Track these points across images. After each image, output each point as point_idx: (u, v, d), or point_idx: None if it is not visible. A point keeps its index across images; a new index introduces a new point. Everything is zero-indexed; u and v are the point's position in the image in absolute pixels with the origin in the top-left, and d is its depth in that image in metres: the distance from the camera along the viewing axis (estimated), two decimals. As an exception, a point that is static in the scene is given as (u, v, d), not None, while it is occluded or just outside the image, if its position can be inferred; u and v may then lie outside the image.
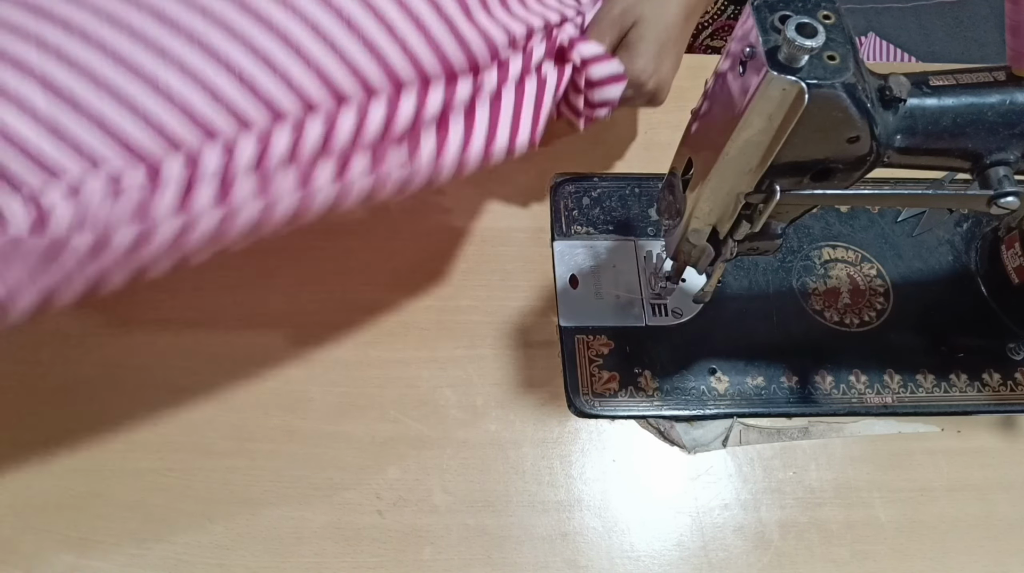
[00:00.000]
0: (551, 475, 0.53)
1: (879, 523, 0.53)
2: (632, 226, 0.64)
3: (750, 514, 0.53)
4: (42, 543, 0.49)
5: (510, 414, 0.55)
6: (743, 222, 0.47)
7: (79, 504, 0.50)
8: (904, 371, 0.59)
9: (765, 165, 0.42)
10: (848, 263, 0.64)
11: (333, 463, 0.53)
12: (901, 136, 0.43)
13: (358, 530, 0.50)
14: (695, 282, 0.60)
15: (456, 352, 0.58)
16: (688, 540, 0.52)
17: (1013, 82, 0.43)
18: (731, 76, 0.42)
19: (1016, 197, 0.43)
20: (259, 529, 0.50)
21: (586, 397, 0.56)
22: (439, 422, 0.55)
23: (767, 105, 0.39)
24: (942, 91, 0.43)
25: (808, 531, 0.52)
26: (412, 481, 0.52)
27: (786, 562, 0.51)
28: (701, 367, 0.58)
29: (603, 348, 0.58)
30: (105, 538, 0.49)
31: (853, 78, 0.38)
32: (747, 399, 0.57)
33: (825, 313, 0.61)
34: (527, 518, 0.52)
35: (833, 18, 0.39)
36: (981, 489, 0.55)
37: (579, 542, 0.51)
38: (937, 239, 0.66)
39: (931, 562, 0.52)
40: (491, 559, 0.50)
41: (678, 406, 0.56)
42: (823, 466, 0.55)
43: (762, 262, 0.63)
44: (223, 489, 0.51)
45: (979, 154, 0.44)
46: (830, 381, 0.58)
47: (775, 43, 0.38)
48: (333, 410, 0.55)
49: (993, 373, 0.59)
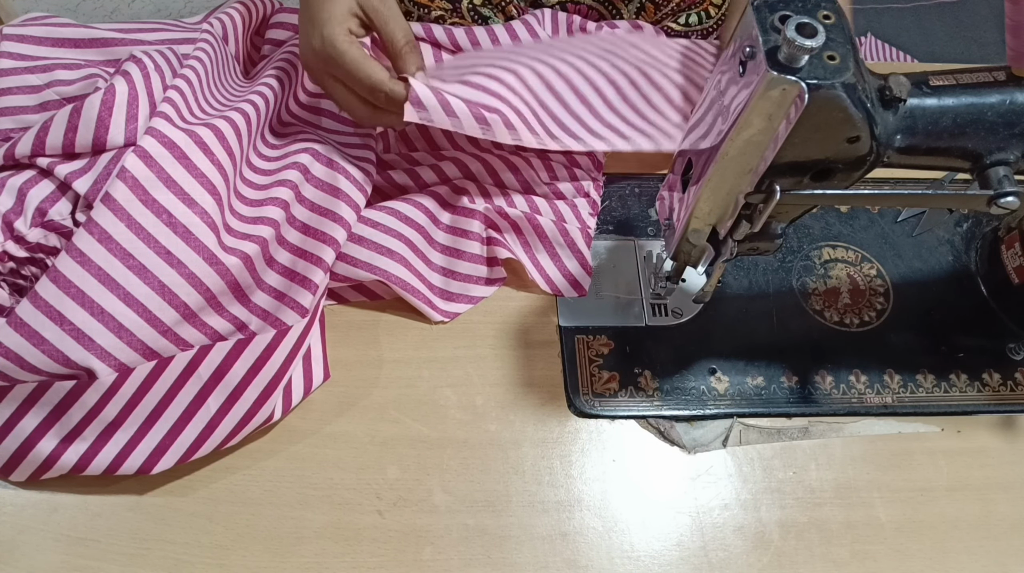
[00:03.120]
0: (551, 475, 0.53)
1: (879, 523, 0.53)
2: (632, 226, 0.64)
3: (750, 514, 0.53)
4: (42, 543, 0.49)
5: (510, 414, 0.55)
6: (743, 222, 0.46)
7: (79, 504, 0.50)
8: (904, 371, 0.59)
9: (765, 165, 0.42)
10: (848, 263, 0.64)
11: (333, 463, 0.53)
12: (901, 136, 0.43)
13: (358, 530, 0.50)
14: (695, 282, 0.60)
15: (456, 352, 0.58)
16: (688, 540, 0.52)
17: (1013, 82, 0.43)
18: (731, 76, 0.42)
19: (1016, 197, 0.43)
20: (259, 529, 0.50)
21: (586, 397, 0.56)
22: (439, 422, 0.55)
23: (767, 105, 0.39)
24: (942, 91, 0.43)
25: (808, 531, 0.52)
26: (412, 481, 0.52)
27: (786, 562, 0.51)
28: (701, 367, 0.58)
29: (603, 348, 0.58)
30: (105, 538, 0.49)
31: (853, 78, 0.38)
32: (747, 399, 0.57)
33: (825, 313, 0.61)
34: (527, 518, 0.52)
35: (833, 18, 0.39)
36: (981, 489, 0.55)
37: (579, 542, 0.51)
38: (937, 239, 0.66)
39: (931, 562, 0.52)
40: (491, 559, 0.50)
41: (678, 406, 0.56)
42: (823, 466, 0.55)
43: (762, 262, 0.63)
44: (223, 489, 0.51)
45: (979, 154, 0.44)
46: (830, 381, 0.58)
47: (775, 43, 0.38)
48: (333, 410, 0.55)
49: (993, 373, 0.59)
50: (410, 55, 0.53)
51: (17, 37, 0.59)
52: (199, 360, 0.49)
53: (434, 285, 0.59)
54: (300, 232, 0.55)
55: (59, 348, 0.47)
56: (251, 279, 0.53)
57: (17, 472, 0.49)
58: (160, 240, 0.48)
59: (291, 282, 0.54)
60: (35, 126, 0.53)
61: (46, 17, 0.61)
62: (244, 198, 0.55)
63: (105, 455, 0.49)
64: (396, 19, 0.53)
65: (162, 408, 0.49)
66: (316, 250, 0.54)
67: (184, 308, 0.49)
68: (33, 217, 0.52)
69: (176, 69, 0.56)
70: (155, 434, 0.49)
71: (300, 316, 0.53)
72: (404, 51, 0.53)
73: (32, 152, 0.53)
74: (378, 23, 0.53)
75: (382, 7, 0.53)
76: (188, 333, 0.50)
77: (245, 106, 0.56)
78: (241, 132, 0.55)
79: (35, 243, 0.51)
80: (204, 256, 0.49)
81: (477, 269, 0.60)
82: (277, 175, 0.56)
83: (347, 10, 0.53)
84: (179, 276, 0.48)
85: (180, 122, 0.51)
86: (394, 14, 0.54)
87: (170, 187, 0.49)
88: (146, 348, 0.48)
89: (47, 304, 0.46)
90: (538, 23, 0.67)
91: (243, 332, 0.52)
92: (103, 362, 0.47)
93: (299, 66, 0.63)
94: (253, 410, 0.50)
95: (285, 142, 0.60)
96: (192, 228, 0.49)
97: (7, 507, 0.50)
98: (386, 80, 0.52)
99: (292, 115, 0.63)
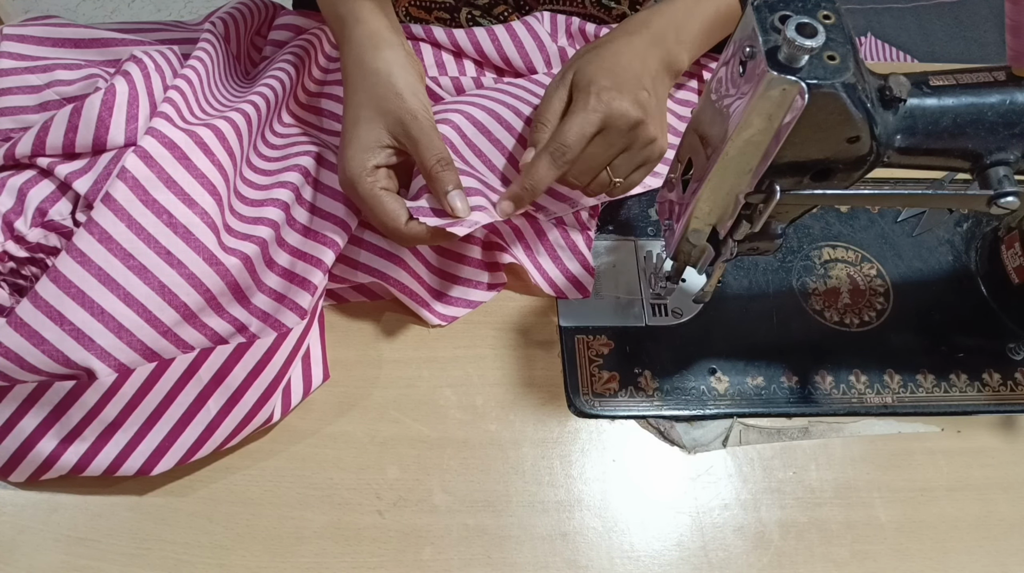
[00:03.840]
0: (551, 475, 0.53)
1: (879, 523, 0.53)
2: (632, 226, 0.64)
3: (750, 514, 0.53)
4: (42, 543, 0.49)
5: (510, 414, 0.55)
6: (743, 222, 0.46)
7: (79, 504, 0.50)
8: (904, 371, 0.59)
9: (765, 165, 0.42)
10: (848, 263, 0.64)
11: (333, 463, 0.53)
12: (901, 136, 0.43)
13: (358, 530, 0.50)
14: (695, 282, 0.60)
15: (456, 352, 0.58)
16: (688, 540, 0.52)
17: (1013, 82, 0.43)
18: (731, 76, 0.42)
19: (1016, 197, 0.43)
20: (259, 529, 0.50)
21: (586, 397, 0.56)
22: (439, 422, 0.55)
23: (767, 105, 0.39)
24: (942, 91, 0.43)
25: (808, 531, 0.52)
26: (412, 481, 0.52)
27: (786, 562, 0.51)
28: (701, 367, 0.58)
29: (603, 348, 0.58)
30: (105, 538, 0.49)
31: (853, 78, 0.38)
32: (747, 399, 0.57)
33: (825, 313, 0.61)
34: (527, 518, 0.52)
35: (833, 18, 0.39)
36: (981, 489, 0.55)
37: (579, 542, 0.51)
38: (937, 239, 0.66)
39: (931, 562, 0.52)
40: (491, 559, 0.50)
41: (678, 406, 0.56)
42: (823, 466, 0.55)
43: (762, 262, 0.63)
44: (223, 489, 0.51)
45: (979, 154, 0.44)
46: (830, 381, 0.58)
47: (775, 43, 0.38)
48: (333, 410, 0.55)
49: (993, 373, 0.59)
50: (442, 174, 0.51)
51: (17, 37, 0.59)
52: (199, 363, 0.49)
53: (433, 288, 0.59)
54: (300, 234, 0.55)
55: (59, 348, 0.47)
56: (251, 280, 0.53)
57: (17, 472, 0.49)
58: (160, 240, 0.48)
59: (291, 283, 0.54)
60: (35, 126, 0.53)
61: (46, 17, 0.61)
62: (244, 198, 0.55)
63: (105, 456, 0.49)
64: (426, 140, 0.51)
65: (162, 409, 0.49)
66: (316, 251, 0.54)
67: (184, 308, 0.49)
68: (33, 217, 0.52)
69: (176, 69, 0.56)
70: (155, 435, 0.49)
71: (299, 317, 0.53)
72: (435, 171, 0.51)
73: (32, 152, 0.53)
74: (410, 148, 0.52)
75: (413, 130, 0.51)
76: (188, 334, 0.50)
77: (246, 106, 0.56)
78: (242, 132, 0.55)
79: (35, 243, 0.51)
80: (204, 256, 0.49)
81: (478, 274, 0.60)
82: (278, 176, 0.56)
83: (375, 142, 0.51)
84: (179, 276, 0.49)
85: (180, 122, 0.51)
86: (424, 134, 0.51)
87: (170, 187, 0.49)
88: (146, 348, 0.48)
89: (47, 304, 0.46)
90: (538, 23, 0.67)
91: (243, 333, 0.52)
92: (103, 362, 0.47)
93: (300, 67, 0.63)
94: (253, 412, 0.50)
95: (286, 143, 0.60)
96: (192, 228, 0.49)
97: (7, 507, 0.50)
98: (401, 227, 0.51)
99: (293, 116, 0.63)
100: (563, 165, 0.52)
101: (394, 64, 0.52)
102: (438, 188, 0.51)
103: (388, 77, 0.52)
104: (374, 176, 0.51)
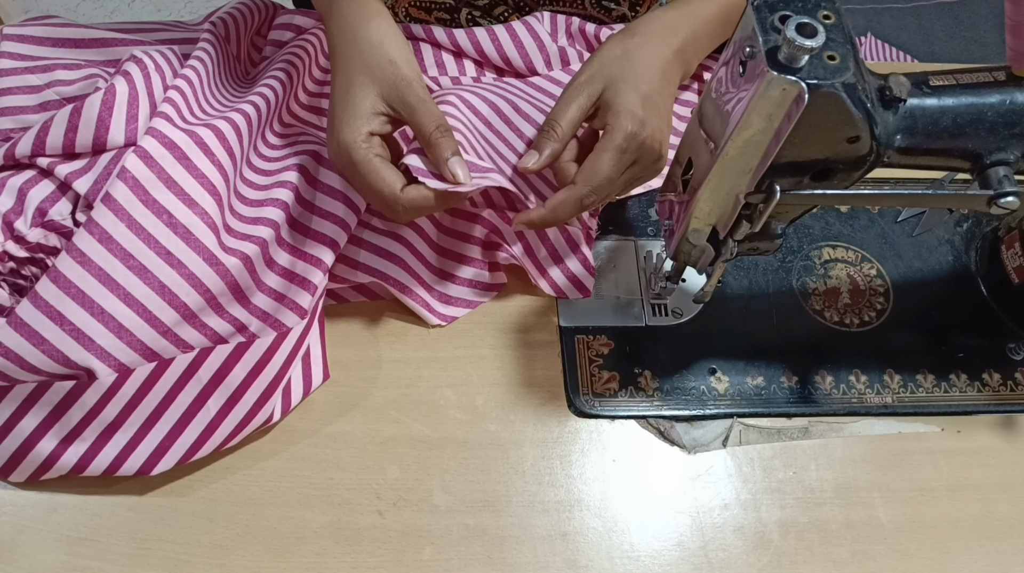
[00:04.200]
0: (551, 475, 0.53)
1: (879, 523, 0.53)
2: (632, 226, 0.64)
3: (750, 514, 0.53)
4: (42, 543, 0.49)
5: (510, 414, 0.55)
6: (743, 222, 0.46)
7: (79, 504, 0.50)
8: (904, 371, 0.59)
9: (765, 165, 0.42)
10: (848, 263, 0.64)
11: (333, 463, 0.53)
12: (901, 136, 0.43)
13: (358, 530, 0.50)
14: (695, 282, 0.60)
15: (456, 352, 0.58)
16: (688, 540, 0.52)
17: (1013, 82, 0.43)
18: (731, 76, 0.42)
19: (1016, 197, 0.43)
20: (259, 529, 0.50)
21: (586, 397, 0.56)
22: (439, 422, 0.55)
23: (767, 105, 0.39)
24: (942, 91, 0.43)
25: (808, 531, 0.52)
26: (412, 481, 0.52)
27: (786, 562, 0.51)
28: (701, 367, 0.58)
29: (603, 348, 0.58)
30: (105, 538, 0.49)
31: (853, 78, 0.38)
32: (747, 399, 0.57)
33: (825, 313, 0.61)
34: (527, 518, 0.52)
35: (833, 18, 0.39)
36: (981, 489, 0.55)
37: (579, 542, 0.51)
38: (937, 239, 0.66)
39: (931, 562, 0.52)
40: (491, 559, 0.50)
41: (678, 406, 0.56)
42: (823, 466, 0.55)
43: (762, 262, 0.63)
44: (223, 489, 0.51)
45: (979, 154, 0.44)
46: (830, 381, 0.58)
47: (775, 43, 0.38)
48: (333, 410, 0.55)
49: (993, 373, 0.59)
50: (441, 140, 0.50)
51: (17, 37, 0.59)
52: (199, 363, 0.49)
53: (433, 289, 0.59)
54: (300, 233, 0.55)
55: (59, 348, 0.47)
56: (251, 280, 0.53)
57: (17, 472, 0.49)
58: (160, 240, 0.48)
59: (291, 283, 0.54)
60: (35, 126, 0.53)
61: (46, 17, 0.61)
62: (244, 198, 0.55)
63: (105, 456, 0.49)
64: (423, 107, 0.50)
65: (162, 409, 0.49)
66: (316, 251, 0.54)
67: (184, 308, 0.49)
68: (33, 217, 0.52)
69: (177, 69, 0.56)
70: (155, 435, 0.49)
71: (299, 317, 0.53)
72: (434, 138, 0.50)
73: (32, 152, 0.53)
74: (406, 115, 0.50)
75: (409, 96, 0.50)
76: (188, 334, 0.50)
77: (246, 106, 0.56)
78: (242, 132, 0.55)
79: (35, 243, 0.51)
80: (204, 256, 0.49)
81: (478, 274, 0.60)
82: (278, 176, 0.56)
83: (370, 109, 0.50)
84: (179, 276, 0.49)
85: (181, 122, 0.51)
86: (421, 102, 0.50)
87: (170, 187, 0.49)
88: (146, 348, 0.48)
89: (47, 304, 0.46)
90: (538, 23, 0.67)
91: (243, 333, 0.52)
92: (103, 362, 0.47)
93: (300, 67, 0.63)
94: (253, 412, 0.50)
95: (286, 143, 0.60)
96: (192, 228, 0.49)
97: (7, 507, 0.50)
98: (398, 194, 0.49)
99: (293, 116, 0.63)
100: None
101: (386, 33, 0.51)
102: (437, 155, 0.50)
103: (381, 45, 0.51)
104: (369, 143, 0.50)
